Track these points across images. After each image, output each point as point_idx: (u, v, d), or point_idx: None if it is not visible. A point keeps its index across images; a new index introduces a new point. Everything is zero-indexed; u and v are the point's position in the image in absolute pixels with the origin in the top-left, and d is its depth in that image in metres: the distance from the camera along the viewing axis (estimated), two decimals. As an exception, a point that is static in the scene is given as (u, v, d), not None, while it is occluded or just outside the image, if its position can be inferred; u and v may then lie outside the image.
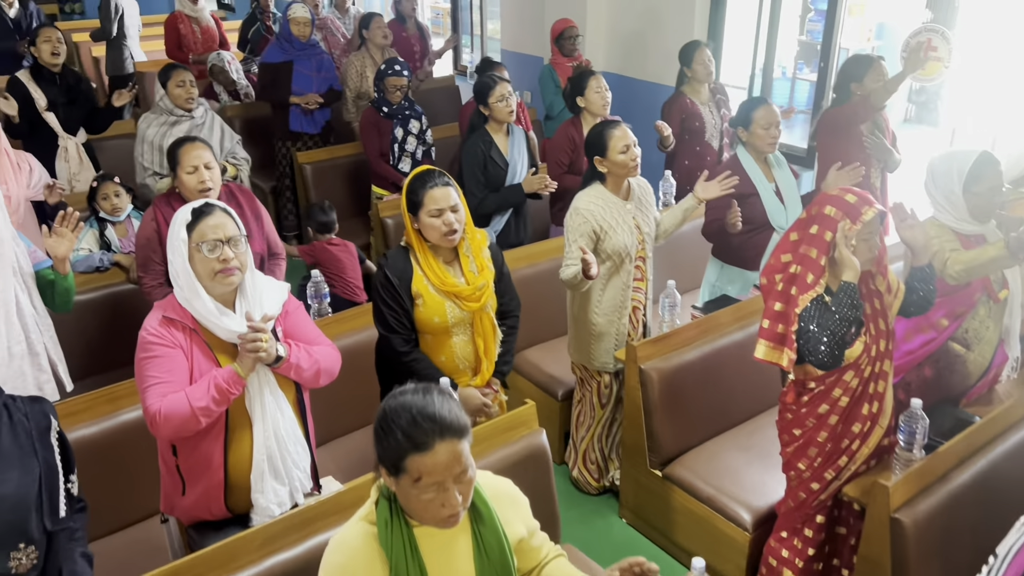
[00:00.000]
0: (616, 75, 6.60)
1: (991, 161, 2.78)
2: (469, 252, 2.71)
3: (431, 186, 2.57)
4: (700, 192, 3.36)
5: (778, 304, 2.51)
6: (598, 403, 3.44)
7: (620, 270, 3.24)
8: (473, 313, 2.70)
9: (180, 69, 4.19)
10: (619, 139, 3.14)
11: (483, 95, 4.12)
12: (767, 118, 3.55)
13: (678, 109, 4.74)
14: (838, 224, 2.39)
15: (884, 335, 2.54)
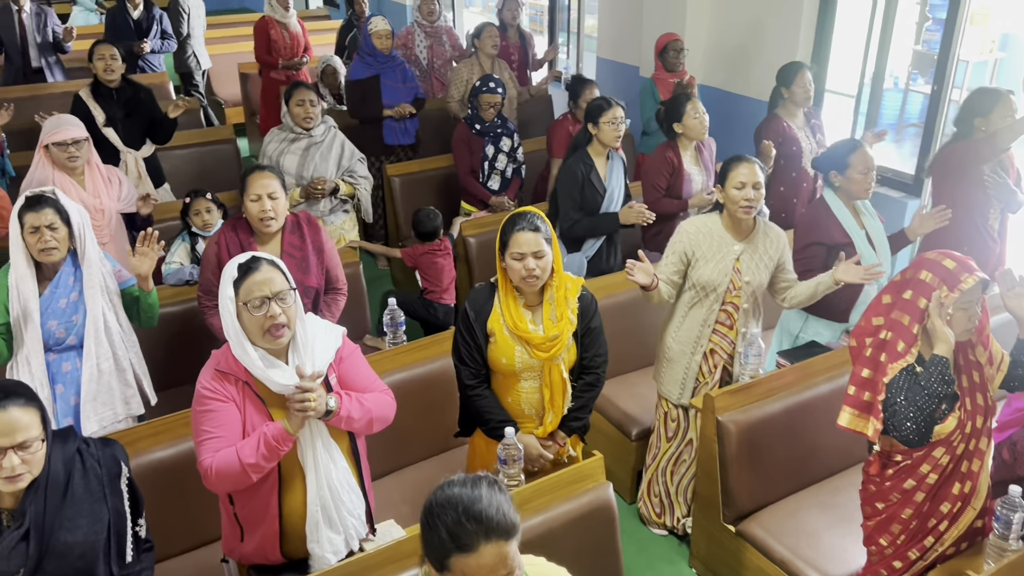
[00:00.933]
0: (716, 89, 6.41)
1: None
2: (552, 300, 2.66)
3: (519, 229, 2.55)
4: (840, 274, 3.12)
5: (866, 371, 2.37)
6: (664, 434, 3.36)
7: (702, 304, 3.16)
8: (543, 362, 2.64)
9: (303, 88, 4.29)
10: (739, 175, 3.04)
11: (595, 115, 4.04)
12: (865, 162, 3.35)
13: (775, 132, 4.56)
14: (934, 292, 2.23)
15: (982, 411, 2.36)
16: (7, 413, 1.86)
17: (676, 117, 4.20)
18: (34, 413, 1.90)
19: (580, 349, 2.73)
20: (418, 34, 6.48)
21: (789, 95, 4.54)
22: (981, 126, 3.77)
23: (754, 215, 3.11)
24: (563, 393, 2.71)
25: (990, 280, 2.29)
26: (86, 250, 2.89)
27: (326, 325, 2.38)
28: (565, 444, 2.81)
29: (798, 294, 3.23)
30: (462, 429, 2.91)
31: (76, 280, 2.89)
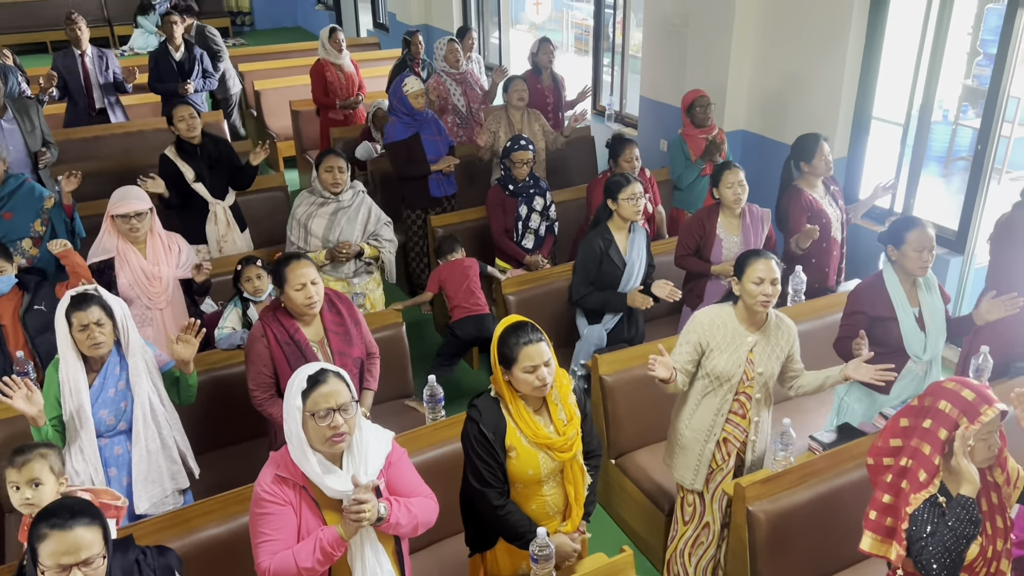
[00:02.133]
0: (756, 135, 6.43)
1: None
2: (558, 400, 2.71)
3: (525, 343, 2.59)
4: (850, 371, 3.18)
5: (887, 496, 2.41)
6: (681, 518, 3.41)
7: (715, 394, 3.19)
8: (564, 463, 2.73)
9: (332, 155, 4.44)
10: (756, 270, 3.06)
11: (614, 192, 4.13)
12: (921, 241, 3.35)
13: (801, 207, 4.52)
14: (956, 424, 2.26)
15: (1002, 533, 2.39)
16: (73, 533, 1.98)
17: (715, 183, 4.28)
18: (97, 531, 2.03)
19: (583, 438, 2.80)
20: (449, 83, 6.59)
21: (811, 169, 4.51)
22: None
23: (770, 309, 3.14)
24: (585, 485, 2.79)
25: (1009, 410, 2.31)
26: (129, 341, 3.06)
27: (376, 430, 2.51)
28: (584, 531, 2.90)
29: (804, 384, 3.27)
30: (476, 546, 2.91)
31: (122, 369, 3.07)
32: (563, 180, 6.44)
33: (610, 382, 3.93)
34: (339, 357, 3.38)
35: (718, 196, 4.32)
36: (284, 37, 14.69)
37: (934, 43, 5.17)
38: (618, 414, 3.97)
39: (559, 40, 12.89)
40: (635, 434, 4.01)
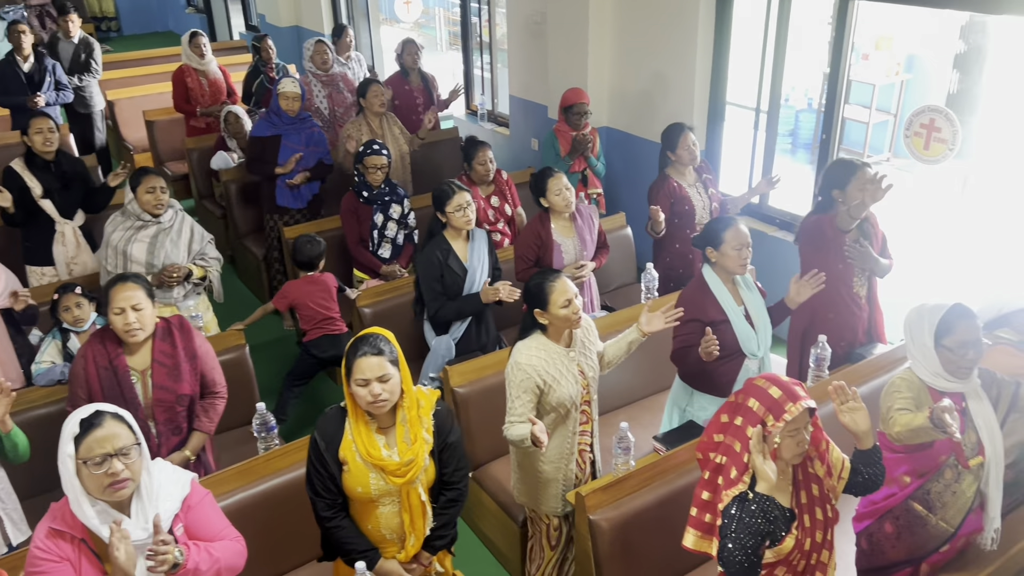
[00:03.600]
0: (621, 132, 6.45)
1: (964, 314, 2.60)
2: (405, 421, 2.59)
3: (361, 355, 2.48)
4: (644, 325, 3.19)
5: (706, 493, 2.39)
6: (547, 545, 3.32)
7: (567, 420, 3.10)
8: (399, 487, 2.60)
9: (152, 175, 4.14)
10: (560, 293, 2.96)
11: (440, 203, 4.03)
12: (738, 239, 3.36)
13: (666, 193, 4.59)
14: (763, 422, 2.25)
15: (822, 525, 2.39)
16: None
17: (541, 192, 4.21)
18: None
19: (439, 466, 2.68)
20: (314, 84, 6.39)
21: (676, 158, 4.58)
22: (839, 198, 3.80)
23: None
24: (423, 515, 2.67)
25: (815, 406, 2.30)
26: None
27: (173, 472, 2.33)
28: (431, 564, 2.78)
29: (612, 358, 3.25)
30: (325, 553, 2.84)
31: None
32: (431, 185, 6.28)
33: (463, 394, 3.82)
34: (159, 391, 3.15)
35: (546, 204, 4.26)
36: (154, 43, 13.96)
37: (777, 32, 5.28)
38: (472, 426, 3.86)
39: (434, 38, 12.74)
40: (490, 446, 3.92)
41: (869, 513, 2.81)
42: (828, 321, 3.90)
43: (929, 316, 2.64)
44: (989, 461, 2.66)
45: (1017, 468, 3.01)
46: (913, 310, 2.73)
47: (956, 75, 8.00)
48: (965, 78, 7.93)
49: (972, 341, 2.57)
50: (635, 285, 5.30)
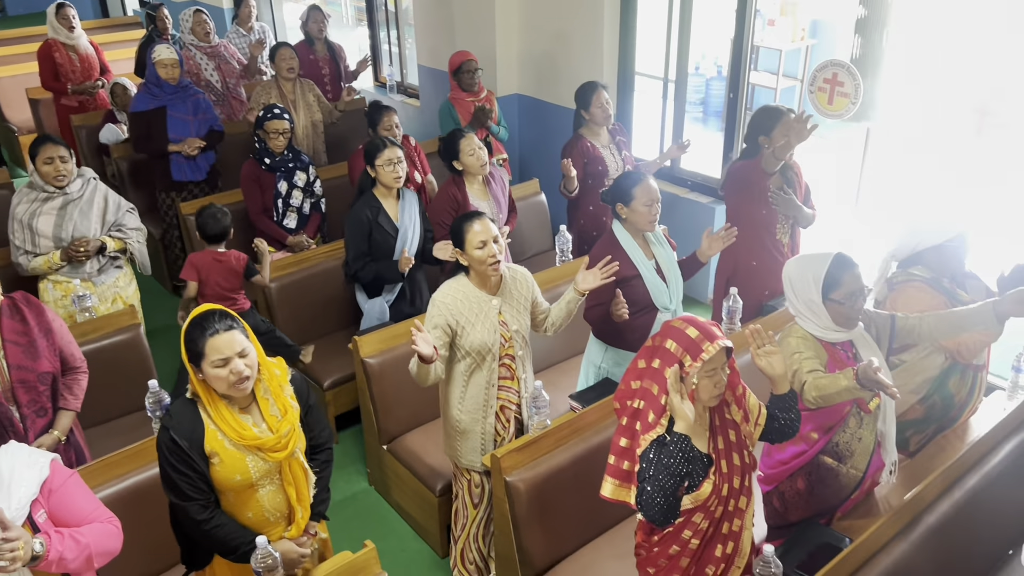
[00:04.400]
0: (530, 98, 6.36)
1: (847, 265, 2.58)
2: (268, 394, 2.42)
3: (211, 334, 2.27)
4: (580, 284, 3.12)
5: (624, 440, 2.32)
6: (470, 502, 3.24)
7: (482, 368, 3.03)
8: (280, 461, 2.44)
9: (50, 144, 3.83)
10: (476, 234, 2.91)
11: (371, 156, 3.88)
12: (648, 195, 3.32)
13: (579, 153, 4.54)
14: (680, 363, 2.19)
15: (739, 471, 2.35)
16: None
17: (453, 155, 4.10)
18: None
19: (306, 430, 2.54)
20: (199, 57, 6.07)
21: (589, 116, 4.53)
22: (764, 144, 3.82)
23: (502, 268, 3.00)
24: (308, 484, 2.53)
25: (732, 346, 2.26)
26: None
27: (29, 454, 2.13)
28: (317, 533, 2.65)
29: (555, 319, 3.20)
30: (191, 564, 2.60)
31: None
32: (343, 155, 6.09)
33: (373, 364, 3.68)
34: (17, 372, 2.90)
35: (460, 167, 4.16)
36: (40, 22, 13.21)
37: (682, 1, 5.26)
38: (385, 398, 3.74)
39: (340, 13, 12.39)
40: (404, 417, 3.80)
41: (780, 474, 2.80)
42: (751, 269, 3.91)
43: (812, 271, 2.60)
44: (884, 399, 2.68)
45: (928, 403, 3.06)
46: (791, 265, 2.69)
47: (858, 39, 8.19)
48: (867, 42, 8.13)
49: (859, 290, 2.57)
50: (551, 252, 5.23)
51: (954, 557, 2.77)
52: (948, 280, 2.98)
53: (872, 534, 2.54)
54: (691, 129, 7.08)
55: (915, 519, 2.70)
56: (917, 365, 3.03)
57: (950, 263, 2.94)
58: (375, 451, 3.88)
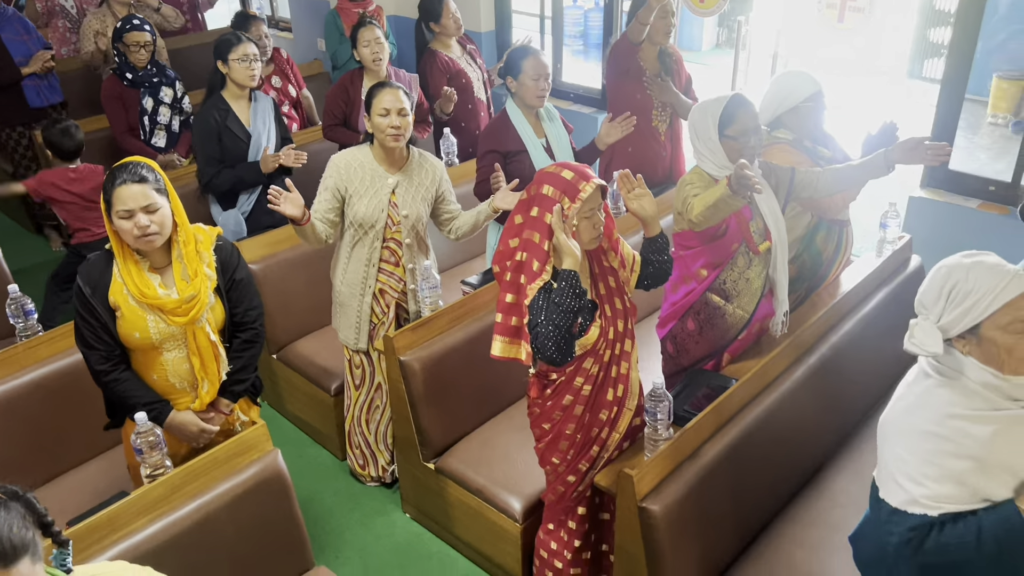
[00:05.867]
0: (410, 19, 6.21)
1: (742, 103, 2.65)
2: (182, 258, 2.34)
3: (120, 183, 2.20)
4: (497, 202, 3.07)
5: (509, 295, 2.30)
6: (351, 382, 3.22)
7: (363, 243, 3.00)
8: (184, 328, 2.35)
9: None
10: (382, 101, 2.87)
11: (223, 51, 3.69)
12: (537, 69, 3.32)
13: (439, 69, 4.45)
14: (556, 204, 2.19)
15: (622, 314, 2.39)
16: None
17: (352, 44, 4.02)
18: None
19: (229, 305, 2.46)
20: None
21: (441, 28, 4.46)
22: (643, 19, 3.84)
23: (404, 144, 2.96)
24: (215, 358, 2.43)
25: (608, 185, 2.28)
26: None
27: None
28: (233, 412, 2.55)
29: (462, 225, 3.17)
30: (112, 419, 2.54)
31: None
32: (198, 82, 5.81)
33: (256, 271, 3.55)
34: None
35: (358, 58, 4.04)
36: None
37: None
38: (270, 306, 3.60)
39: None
40: (292, 326, 3.69)
41: (671, 315, 2.86)
42: (627, 155, 3.97)
43: (712, 110, 2.67)
44: (775, 245, 2.77)
45: (799, 262, 3.18)
46: (696, 108, 2.76)
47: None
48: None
49: (753, 128, 2.64)
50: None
51: (835, 396, 2.92)
52: (809, 140, 3.09)
53: (755, 374, 2.65)
54: (572, 62, 7.13)
55: (796, 361, 2.83)
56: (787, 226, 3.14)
57: (807, 124, 3.04)
58: (265, 363, 3.75)
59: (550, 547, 2.62)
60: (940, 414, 1.73)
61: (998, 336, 1.68)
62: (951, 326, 1.73)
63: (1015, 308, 1.67)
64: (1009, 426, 1.69)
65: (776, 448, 2.64)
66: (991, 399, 1.71)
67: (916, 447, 1.75)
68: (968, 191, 4.12)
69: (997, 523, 1.65)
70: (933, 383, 1.78)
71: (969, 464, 1.69)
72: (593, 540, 2.62)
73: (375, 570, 3.03)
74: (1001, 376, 1.70)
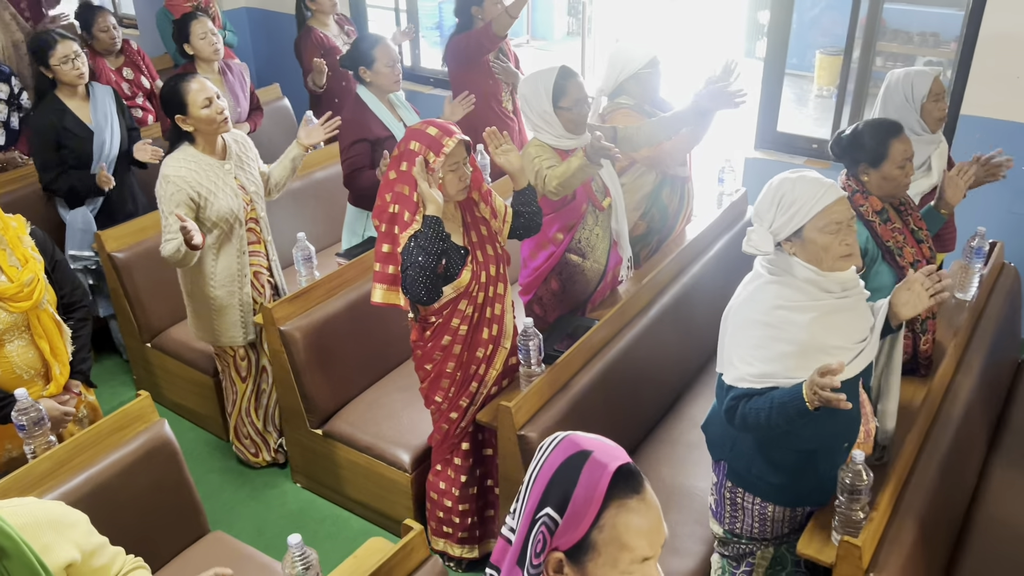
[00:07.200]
0: (259, 10, 6.19)
1: (570, 74, 2.87)
2: (5, 245, 2.32)
3: None
4: (304, 139, 3.17)
5: (386, 246, 2.45)
6: (237, 378, 3.23)
7: (231, 237, 3.00)
8: (26, 314, 2.34)
9: None
10: (198, 92, 2.83)
11: (42, 56, 3.57)
12: (388, 55, 3.42)
13: (313, 45, 4.52)
14: (426, 161, 2.35)
15: (494, 260, 2.57)
16: None
17: (185, 38, 3.95)
18: None
19: (56, 287, 2.47)
20: None
21: (317, 7, 4.53)
22: (478, 15, 4.04)
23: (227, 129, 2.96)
24: (62, 338, 2.44)
25: (470, 140, 2.45)
26: None
27: None
28: (81, 393, 2.56)
29: (279, 178, 3.21)
30: None
31: None
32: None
33: (122, 259, 3.52)
34: None
35: (191, 52, 4.01)
36: None
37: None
38: (140, 294, 3.59)
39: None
40: (163, 313, 3.67)
41: (535, 280, 3.05)
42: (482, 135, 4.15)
43: (543, 84, 2.86)
44: (614, 199, 3.03)
45: (648, 217, 3.46)
46: (523, 84, 2.96)
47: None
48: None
49: (583, 98, 2.87)
50: (301, 156, 5.18)
51: (687, 332, 3.21)
52: (648, 105, 3.37)
53: (615, 314, 2.90)
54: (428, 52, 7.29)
55: (651, 302, 3.10)
56: (634, 184, 3.41)
57: (647, 89, 3.32)
58: (139, 352, 3.72)
59: (439, 487, 2.78)
60: (769, 305, 2.02)
61: (817, 237, 1.99)
62: (780, 230, 2.02)
63: (830, 212, 1.98)
64: (825, 314, 2.00)
65: (639, 378, 2.90)
66: (811, 292, 2.02)
67: (749, 333, 2.04)
68: (795, 150, 4.57)
69: (784, 394, 1.95)
70: (764, 281, 2.07)
71: (791, 347, 1.98)
72: (479, 476, 2.80)
73: (271, 536, 3.09)
74: (820, 272, 2.00)
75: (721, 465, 2.26)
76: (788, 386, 1.97)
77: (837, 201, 1.98)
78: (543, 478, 1.21)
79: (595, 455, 1.19)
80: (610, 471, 1.17)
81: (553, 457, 1.22)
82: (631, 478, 1.18)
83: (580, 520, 1.16)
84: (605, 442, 1.23)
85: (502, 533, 1.29)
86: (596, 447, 1.21)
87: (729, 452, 2.22)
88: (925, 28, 7.00)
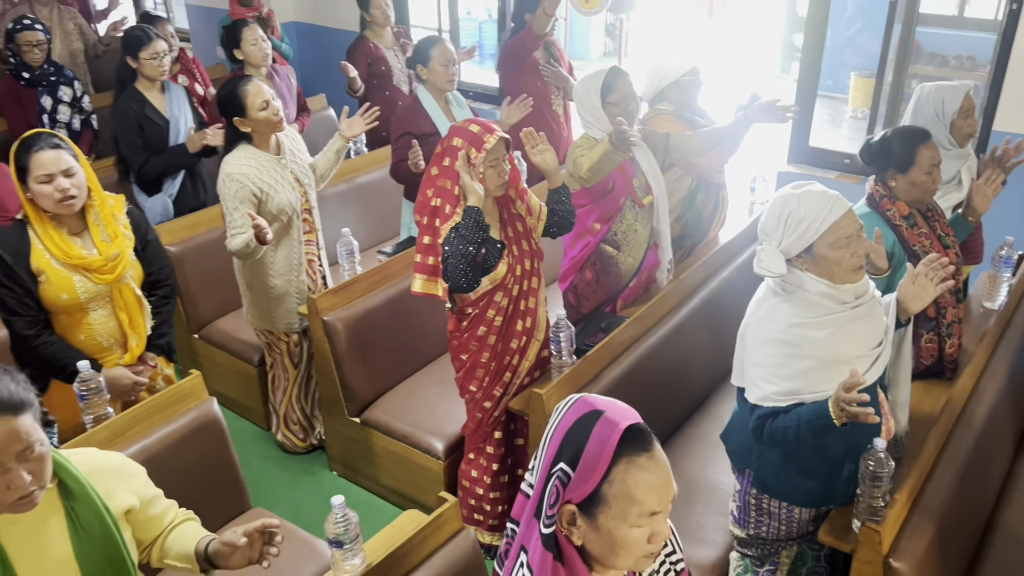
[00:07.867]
0: (308, 24, 6.41)
1: (620, 73, 3.02)
2: (99, 221, 2.50)
3: (37, 150, 2.35)
4: (346, 131, 3.35)
5: (427, 237, 2.57)
6: (290, 364, 3.37)
7: (290, 228, 3.15)
8: (110, 286, 2.50)
9: None
10: (256, 96, 2.98)
11: (134, 49, 3.81)
12: (444, 56, 3.61)
13: (362, 53, 4.70)
14: (467, 156, 2.47)
15: (528, 255, 2.68)
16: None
17: (235, 44, 4.17)
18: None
19: (144, 265, 2.64)
20: None
21: (371, 18, 4.70)
22: (529, 20, 4.22)
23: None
24: (141, 312, 2.60)
25: (509, 138, 2.58)
26: None
27: None
28: (156, 365, 2.71)
29: (324, 169, 3.37)
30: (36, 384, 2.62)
31: None
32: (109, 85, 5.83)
33: (175, 253, 3.68)
34: None
35: (241, 56, 4.23)
36: None
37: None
38: (191, 287, 3.75)
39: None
40: (212, 306, 3.84)
41: (571, 268, 3.17)
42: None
43: (593, 82, 3.03)
44: (657, 199, 3.13)
45: (683, 221, 3.56)
46: (578, 83, 3.12)
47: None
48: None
49: (630, 95, 3.01)
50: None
51: (716, 333, 3.28)
52: (688, 112, 3.48)
53: (646, 312, 2.98)
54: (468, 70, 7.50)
55: (681, 302, 3.18)
56: (670, 187, 3.51)
57: (687, 96, 3.43)
58: (185, 343, 3.87)
59: (471, 475, 2.87)
60: (785, 324, 2.06)
61: (829, 252, 2.01)
62: (790, 248, 2.04)
63: (839, 227, 2.00)
64: (841, 326, 2.05)
65: (668, 375, 2.98)
66: (826, 306, 2.05)
67: (767, 352, 2.08)
68: (827, 164, 4.64)
69: (811, 412, 1.99)
70: (778, 300, 2.11)
71: (812, 363, 2.02)
72: (510, 465, 2.89)
73: (308, 519, 3.20)
74: (833, 285, 2.05)
75: (746, 473, 2.29)
76: (813, 400, 2.00)
77: (845, 215, 1.99)
78: (558, 435, 1.30)
79: (607, 414, 1.28)
80: (621, 428, 1.26)
81: (568, 416, 1.31)
82: (641, 436, 1.27)
83: (591, 474, 1.25)
84: (617, 403, 1.32)
85: (521, 488, 1.38)
86: (608, 407, 1.30)
87: (756, 462, 2.24)
88: (961, 51, 7.01)
